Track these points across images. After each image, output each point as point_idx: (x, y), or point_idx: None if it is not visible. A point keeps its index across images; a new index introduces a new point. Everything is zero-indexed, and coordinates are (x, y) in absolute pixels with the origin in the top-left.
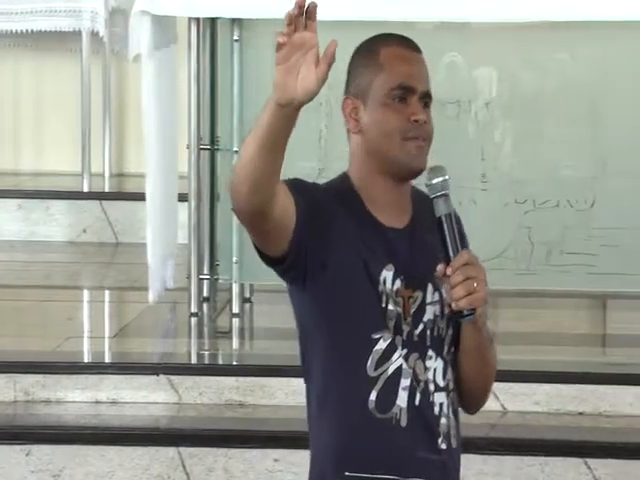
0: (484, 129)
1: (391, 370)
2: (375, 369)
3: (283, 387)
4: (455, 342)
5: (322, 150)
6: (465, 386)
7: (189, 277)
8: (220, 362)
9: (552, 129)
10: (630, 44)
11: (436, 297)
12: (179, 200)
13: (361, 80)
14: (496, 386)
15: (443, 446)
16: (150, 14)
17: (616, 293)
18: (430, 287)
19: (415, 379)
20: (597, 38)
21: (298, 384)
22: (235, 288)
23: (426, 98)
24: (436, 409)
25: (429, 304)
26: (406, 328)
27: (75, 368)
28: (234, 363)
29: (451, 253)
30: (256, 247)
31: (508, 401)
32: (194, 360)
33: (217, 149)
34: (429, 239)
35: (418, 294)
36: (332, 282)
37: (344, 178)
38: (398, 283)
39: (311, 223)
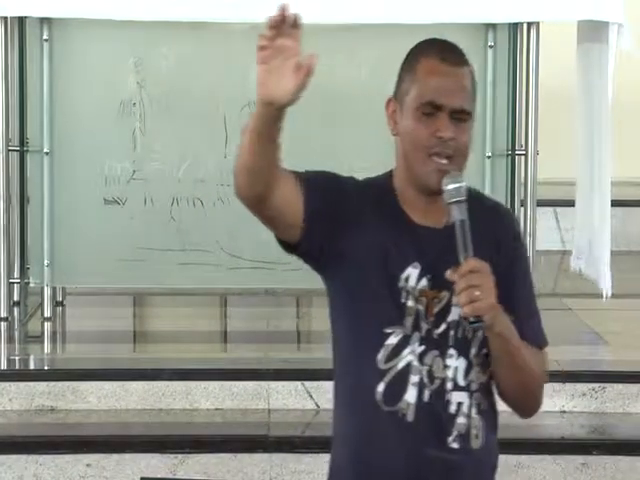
0: (299, 130)
1: (400, 365)
2: (385, 362)
3: (95, 391)
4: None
5: (136, 151)
6: (502, 391)
7: None
8: (31, 367)
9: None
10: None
11: None
12: None
13: (401, 85)
14: (310, 385)
15: (454, 445)
16: None
17: None
18: None
19: (430, 376)
20: (406, 40)
21: (110, 388)
22: (47, 291)
23: (459, 114)
24: (452, 408)
25: (455, 305)
26: (425, 326)
27: None
28: (45, 368)
29: (461, 259)
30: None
31: (322, 399)
32: (4, 366)
33: (27, 150)
34: (473, 243)
35: (445, 294)
36: (350, 274)
37: (388, 175)
38: (424, 282)
39: (326, 216)
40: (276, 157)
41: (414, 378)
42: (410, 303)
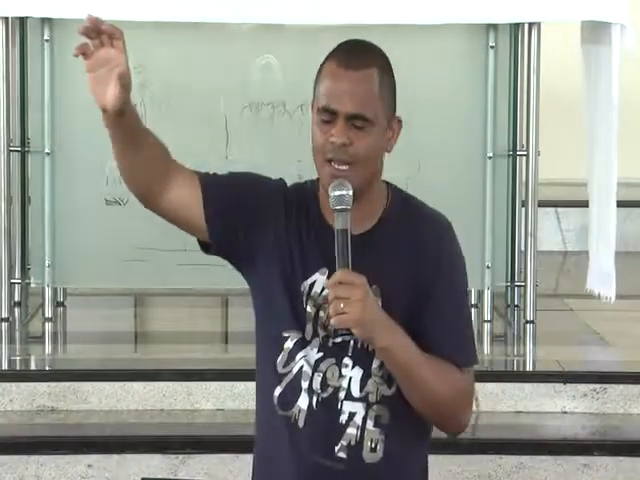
0: (299, 131)
1: (295, 370)
2: (283, 367)
3: (96, 391)
4: None
5: None
6: (415, 407)
7: None
8: (32, 368)
9: None
10: (437, 46)
11: None
12: None
13: (314, 89)
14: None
15: (341, 455)
16: None
17: None
18: None
19: (323, 383)
20: (408, 40)
21: (111, 388)
22: (47, 292)
23: (356, 120)
24: (342, 417)
25: None
26: (322, 332)
27: None
28: (46, 368)
29: (337, 269)
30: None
31: None
32: (5, 366)
33: (28, 151)
34: (384, 253)
35: None
36: (259, 276)
37: (317, 179)
38: None
39: (231, 217)
40: (148, 160)
41: (304, 384)
42: (309, 309)
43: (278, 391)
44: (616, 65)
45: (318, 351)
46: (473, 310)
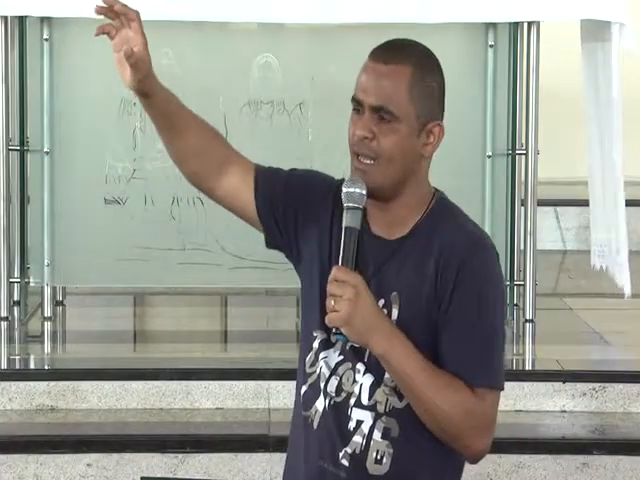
0: (298, 129)
1: (318, 371)
2: (310, 366)
3: (96, 391)
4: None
5: (136, 150)
6: (426, 425)
7: None
8: (31, 367)
9: None
10: (436, 45)
11: (393, 316)
12: None
13: None
14: None
15: (344, 462)
16: None
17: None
18: (382, 303)
19: (338, 387)
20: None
21: (111, 387)
22: (47, 291)
23: (381, 113)
24: (351, 424)
25: None
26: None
27: None
28: (46, 367)
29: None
30: None
31: None
32: (4, 365)
33: (27, 150)
34: (411, 262)
35: None
36: (303, 274)
37: None
38: None
39: (281, 214)
40: (196, 147)
41: (322, 385)
42: None
43: (303, 390)
44: (616, 64)
45: (340, 354)
46: None
